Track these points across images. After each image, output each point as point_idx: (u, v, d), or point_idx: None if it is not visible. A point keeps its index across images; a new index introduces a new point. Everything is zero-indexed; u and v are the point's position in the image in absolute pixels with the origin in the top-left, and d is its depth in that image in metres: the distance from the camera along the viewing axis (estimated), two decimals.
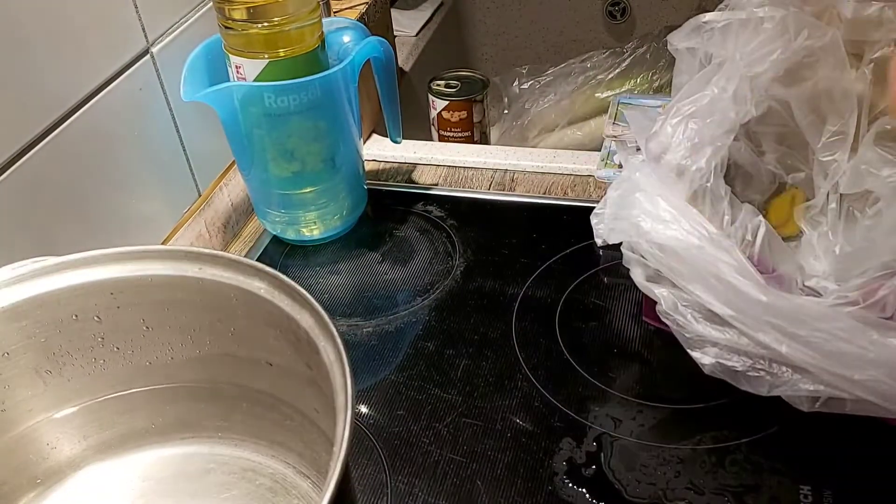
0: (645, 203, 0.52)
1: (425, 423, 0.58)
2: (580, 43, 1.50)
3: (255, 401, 0.50)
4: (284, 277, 0.44)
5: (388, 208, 0.80)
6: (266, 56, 0.64)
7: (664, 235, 0.50)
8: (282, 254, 0.76)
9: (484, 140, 1.03)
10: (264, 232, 0.78)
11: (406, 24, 1.29)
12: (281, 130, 0.67)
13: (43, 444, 0.49)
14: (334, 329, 0.40)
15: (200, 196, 0.75)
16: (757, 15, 0.55)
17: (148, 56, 0.66)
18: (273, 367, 0.48)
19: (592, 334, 0.64)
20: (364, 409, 0.60)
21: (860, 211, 0.60)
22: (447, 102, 0.99)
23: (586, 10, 1.49)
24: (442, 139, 1.02)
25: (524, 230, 0.76)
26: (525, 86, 1.30)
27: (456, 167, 0.85)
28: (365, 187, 0.77)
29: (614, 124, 0.84)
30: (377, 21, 0.96)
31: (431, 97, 1.00)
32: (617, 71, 1.27)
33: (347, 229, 0.77)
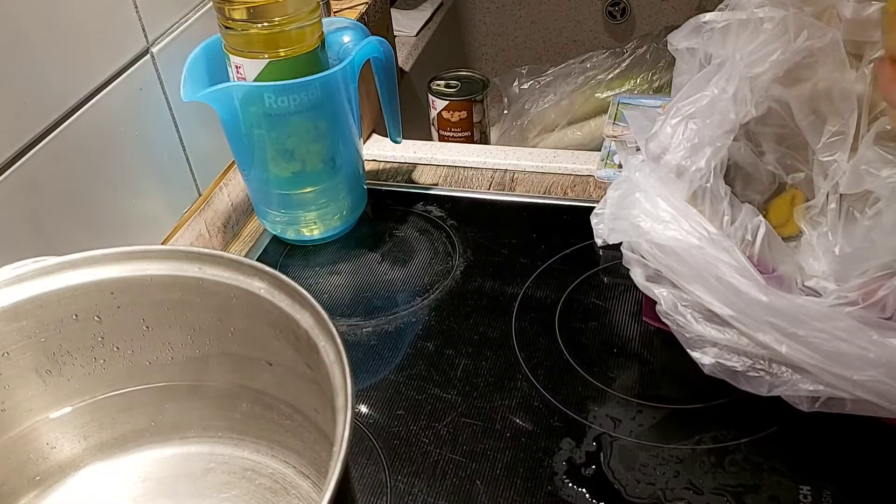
0: (645, 203, 0.52)
1: (425, 423, 0.58)
2: (580, 43, 1.50)
3: (255, 401, 0.50)
4: (284, 277, 0.44)
5: (388, 208, 0.80)
6: (266, 56, 0.64)
7: (664, 236, 0.50)
8: (282, 254, 0.76)
9: (484, 140, 1.03)
10: (264, 232, 0.78)
11: (406, 24, 1.30)
12: (281, 130, 0.67)
13: (43, 444, 0.49)
14: (334, 329, 0.40)
15: (200, 196, 0.75)
16: (757, 15, 0.55)
17: (148, 56, 0.66)
18: (273, 367, 0.48)
19: (592, 334, 0.64)
20: (364, 409, 0.60)
21: (860, 211, 0.60)
22: (447, 102, 0.99)
23: (586, 10, 1.49)
24: (442, 139, 1.02)
25: (524, 230, 0.76)
26: (525, 86, 1.30)
27: (456, 167, 0.85)
28: (365, 187, 0.77)
29: (614, 124, 0.85)
30: (377, 21, 0.96)
31: (431, 97, 1.00)
32: (617, 71, 1.27)
33: (347, 229, 0.77)
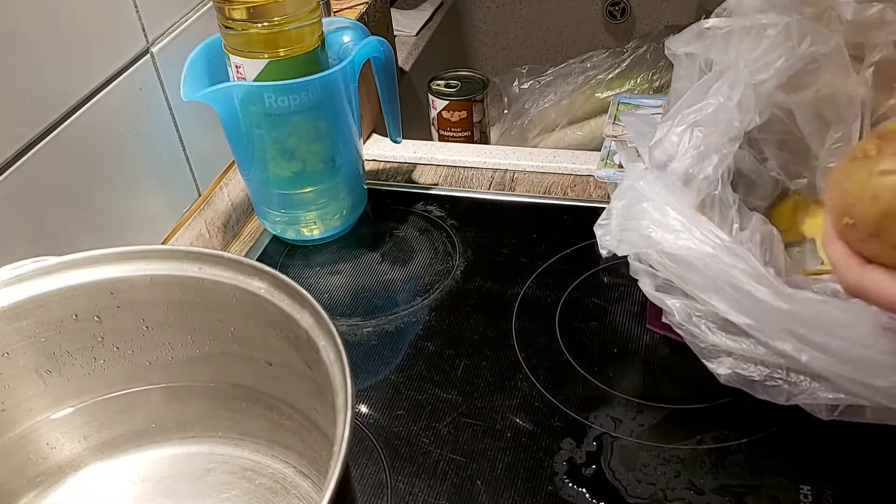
0: (653, 213, 0.51)
1: (425, 423, 0.58)
2: (580, 43, 1.50)
3: (255, 401, 0.50)
4: (284, 277, 0.44)
5: (388, 208, 0.80)
6: (266, 56, 0.64)
7: (676, 245, 0.49)
8: (282, 254, 0.76)
9: (484, 140, 1.03)
10: (264, 232, 0.78)
11: (406, 24, 1.29)
12: (281, 130, 0.67)
13: (43, 444, 0.49)
14: (334, 329, 0.40)
15: (200, 196, 0.75)
16: (760, 21, 0.54)
17: (148, 56, 0.66)
18: (273, 367, 0.47)
19: (593, 334, 0.64)
20: (364, 409, 0.60)
21: None
22: (447, 102, 0.99)
23: (586, 10, 1.49)
24: (442, 139, 1.02)
25: (524, 230, 0.76)
26: (525, 86, 1.30)
27: (456, 167, 0.85)
28: (365, 187, 0.77)
29: (614, 124, 0.84)
30: (377, 21, 0.96)
31: (431, 97, 1.00)
32: (617, 71, 1.27)
33: (347, 229, 0.77)
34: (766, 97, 0.55)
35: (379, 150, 0.88)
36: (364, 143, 0.89)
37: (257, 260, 0.59)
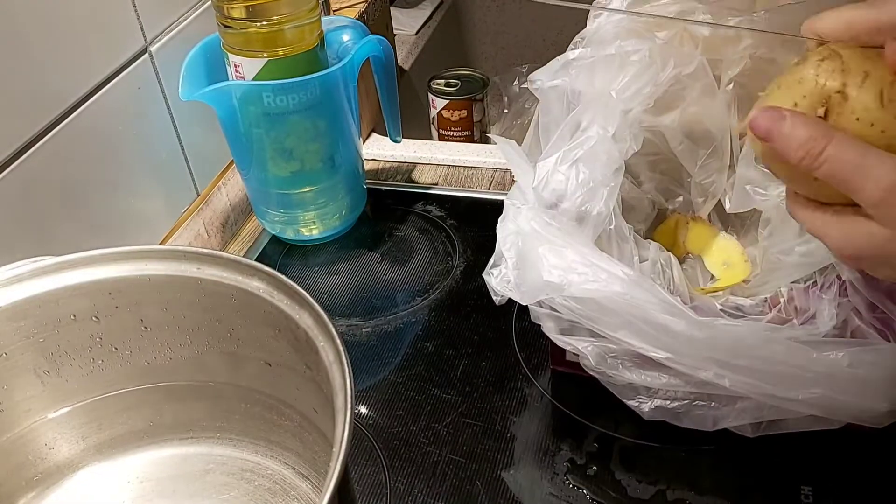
0: (552, 258, 0.48)
1: (425, 424, 0.58)
2: None
3: (255, 401, 0.50)
4: (283, 277, 0.44)
5: (388, 208, 0.80)
6: (265, 55, 0.64)
7: (581, 288, 0.47)
8: (281, 253, 0.76)
9: (484, 139, 1.03)
10: (263, 232, 0.78)
11: (406, 23, 1.29)
12: (280, 129, 0.67)
13: (41, 445, 0.49)
14: (333, 329, 0.40)
15: (199, 196, 0.75)
16: (624, 49, 0.54)
17: (146, 55, 0.66)
18: (272, 368, 0.47)
19: None
20: (363, 410, 0.60)
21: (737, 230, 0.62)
22: (447, 101, 0.99)
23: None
24: (442, 138, 1.01)
25: None
26: (525, 85, 1.30)
27: (456, 166, 0.85)
28: (364, 187, 0.77)
29: None
30: (377, 20, 0.95)
31: (431, 96, 1.00)
32: None
33: (347, 229, 0.77)
34: (638, 123, 0.55)
35: (378, 150, 0.88)
36: (363, 143, 0.89)
37: (256, 260, 0.58)
